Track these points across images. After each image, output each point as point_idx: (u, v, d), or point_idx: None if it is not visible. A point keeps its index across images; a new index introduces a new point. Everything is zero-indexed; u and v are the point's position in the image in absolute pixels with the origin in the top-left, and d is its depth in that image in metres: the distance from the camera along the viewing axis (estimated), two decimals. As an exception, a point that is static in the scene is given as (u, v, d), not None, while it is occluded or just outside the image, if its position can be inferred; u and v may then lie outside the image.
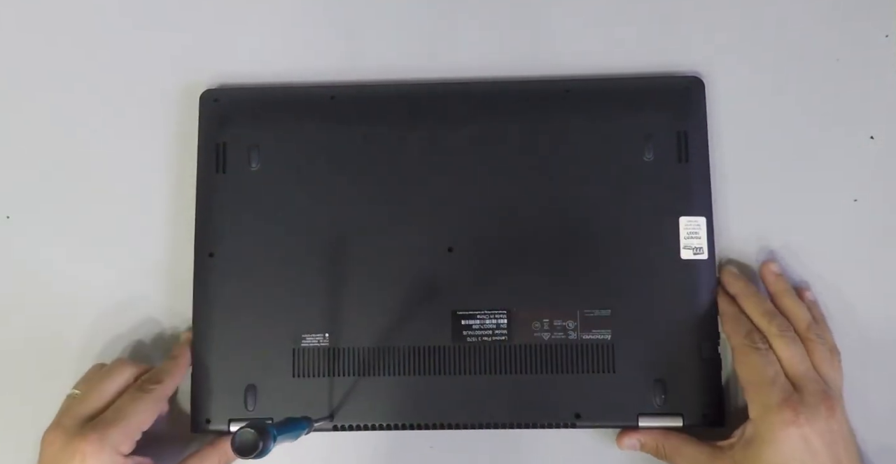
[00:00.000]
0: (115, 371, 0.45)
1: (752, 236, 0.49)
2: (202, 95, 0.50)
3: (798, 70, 0.51)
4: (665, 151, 0.48)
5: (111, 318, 0.50)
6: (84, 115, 0.52)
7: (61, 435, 0.42)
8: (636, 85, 0.50)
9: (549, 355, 0.47)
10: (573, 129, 0.49)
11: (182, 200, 0.50)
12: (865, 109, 0.50)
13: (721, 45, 0.51)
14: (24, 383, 0.49)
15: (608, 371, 0.46)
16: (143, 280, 0.50)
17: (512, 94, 0.50)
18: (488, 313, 0.47)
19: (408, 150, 0.49)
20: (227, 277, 0.48)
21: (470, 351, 0.47)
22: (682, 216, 0.48)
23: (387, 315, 0.47)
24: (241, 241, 0.48)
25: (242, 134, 0.49)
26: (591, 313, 0.47)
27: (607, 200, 0.48)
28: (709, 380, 0.46)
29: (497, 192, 0.48)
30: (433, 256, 0.47)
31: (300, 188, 0.48)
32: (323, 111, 0.49)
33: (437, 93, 0.50)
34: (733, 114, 0.50)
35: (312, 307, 0.47)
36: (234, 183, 0.49)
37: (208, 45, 0.53)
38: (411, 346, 0.47)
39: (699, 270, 0.47)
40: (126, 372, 0.46)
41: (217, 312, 0.47)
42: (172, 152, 0.51)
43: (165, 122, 0.52)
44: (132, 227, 0.51)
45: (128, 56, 0.53)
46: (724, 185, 0.50)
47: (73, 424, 0.42)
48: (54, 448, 0.41)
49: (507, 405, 0.46)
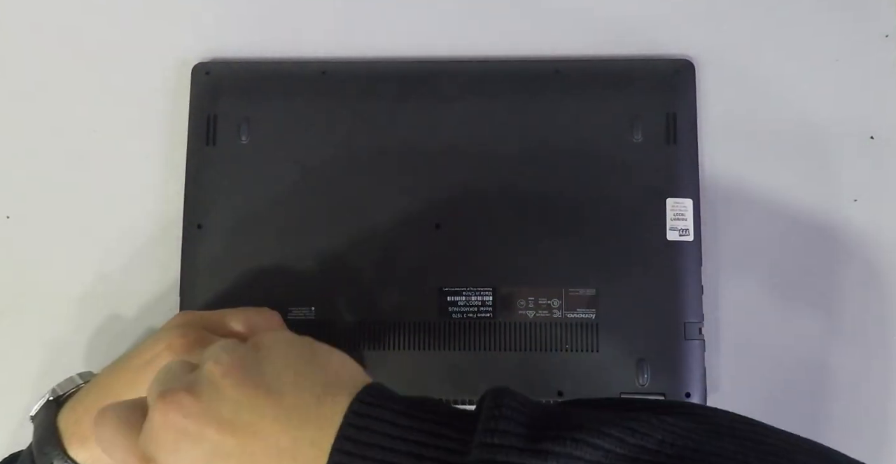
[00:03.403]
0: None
1: (739, 220, 0.50)
2: (194, 68, 0.50)
3: (797, 70, 0.51)
4: (653, 133, 0.48)
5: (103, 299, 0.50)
6: (75, 86, 0.52)
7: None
8: (626, 66, 0.50)
9: (533, 333, 0.47)
10: (562, 109, 0.49)
11: (172, 172, 0.50)
12: (865, 109, 0.51)
13: (714, 31, 0.52)
14: (25, 383, 0.49)
15: (592, 350, 0.47)
16: (131, 252, 0.50)
17: (502, 73, 0.50)
18: (474, 290, 0.47)
19: (397, 126, 0.49)
20: (215, 248, 0.48)
21: (455, 327, 0.47)
22: (668, 198, 0.48)
23: (374, 290, 0.47)
24: (229, 213, 0.48)
25: (233, 107, 0.49)
26: (576, 293, 0.47)
27: (595, 180, 0.48)
28: (692, 360, 0.47)
29: (485, 170, 0.48)
30: (421, 232, 0.48)
31: (289, 162, 0.49)
32: (314, 86, 0.50)
33: (428, 71, 0.50)
34: (724, 99, 0.51)
35: (299, 281, 0.47)
36: (224, 156, 0.49)
37: (201, 19, 0.53)
38: (397, 321, 0.47)
39: (685, 251, 0.47)
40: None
41: (204, 284, 0.48)
42: (163, 125, 0.51)
43: (157, 94, 0.52)
44: (120, 197, 0.51)
45: (120, 29, 0.53)
46: (713, 168, 0.50)
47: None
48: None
49: (491, 382, 0.46)
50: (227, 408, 0.30)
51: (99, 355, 0.49)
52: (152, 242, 0.50)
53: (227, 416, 0.30)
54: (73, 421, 0.41)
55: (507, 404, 0.29)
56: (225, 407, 0.30)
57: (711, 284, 0.48)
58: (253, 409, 0.30)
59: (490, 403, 0.29)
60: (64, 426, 0.41)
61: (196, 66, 0.51)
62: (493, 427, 0.28)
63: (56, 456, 0.39)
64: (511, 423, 0.28)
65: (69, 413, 0.41)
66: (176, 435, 0.30)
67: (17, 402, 0.48)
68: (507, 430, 0.27)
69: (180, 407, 0.30)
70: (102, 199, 0.51)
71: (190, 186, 0.49)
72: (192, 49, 0.52)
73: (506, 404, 0.29)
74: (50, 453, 0.39)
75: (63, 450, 0.40)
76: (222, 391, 0.31)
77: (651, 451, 0.28)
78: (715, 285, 0.49)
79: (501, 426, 0.28)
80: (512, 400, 0.29)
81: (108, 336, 0.50)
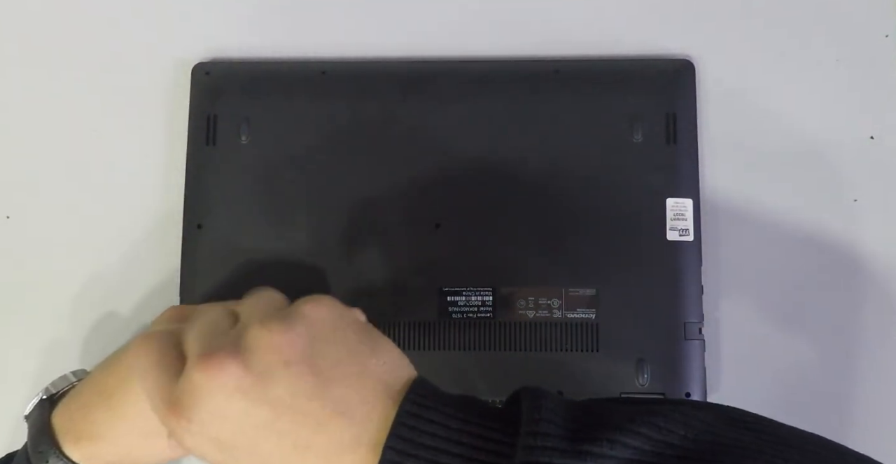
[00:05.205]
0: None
1: (739, 220, 0.50)
2: (194, 68, 0.50)
3: (797, 70, 0.51)
4: (653, 133, 0.48)
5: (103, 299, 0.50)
6: (75, 86, 0.52)
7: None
8: (626, 66, 0.50)
9: (533, 333, 0.47)
10: (562, 109, 0.49)
11: (172, 172, 0.50)
12: (865, 109, 0.51)
13: (714, 31, 0.52)
14: (23, 383, 0.49)
15: (592, 350, 0.47)
16: (131, 252, 0.50)
17: (502, 73, 0.50)
18: (474, 290, 0.47)
19: (397, 126, 0.49)
20: (215, 248, 0.48)
21: (455, 327, 0.47)
22: (668, 198, 0.48)
23: (373, 290, 0.47)
24: (229, 213, 0.48)
25: (233, 107, 0.49)
26: (576, 292, 0.47)
27: (595, 180, 0.48)
28: (692, 360, 0.46)
29: (485, 170, 0.48)
30: (421, 232, 0.48)
31: (289, 162, 0.49)
32: (314, 86, 0.50)
33: (428, 71, 0.50)
34: (724, 99, 0.51)
35: (299, 280, 0.47)
36: (224, 155, 0.49)
37: (201, 19, 0.53)
38: (397, 321, 0.47)
39: (685, 251, 0.47)
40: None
41: (204, 284, 0.48)
42: (163, 125, 0.51)
43: (157, 94, 0.52)
44: (121, 197, 0.51)
45: (120, 29, 0.53)
46: (713, 168, 0.50)
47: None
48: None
49: (491, 382, 0.47)
50: (283, 390, 0.30)
51: (99, 355, 0.49)
52: (152, 242, 0.50)
53: (284, 398, 0.30)
54: (68, 419, 0.41)
55: (545, 406, 0.30)
56: (280, 388, 0.30)
57: (711, 284, 0.48)
58: (311, 397, 0.30)
59: (529, 404, 0.30)
60: (58, 425, 0.40)
61: (196, 66, 0.51)
62: (534, 430, 0.29)
63: (51, 454, 0.39)
64: (551, 425, 0.29)
65: (63, 412, 0.41)
66: (222, 402, 0.30)
67: (16, 401, 0.48)
68: (548, 432, 0.29)
69: (228, 376, 0.30)
70: (102, 199, 0.51)
71: (190, 186, 0.49)
72: (192, 49, 0.52)
73: (544, 406, 0.30)
74: (45, 452, 0.39)
75: (58, 448, 0.39)
76: (277, 370, 0.30)
77: (675, 446, 0.29)
78: (715, 285, 0.49)
79: (542, 429, 0.29)
80: (549, 401, 0.30)
81: (108, 336, 0.50)
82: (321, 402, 0.30)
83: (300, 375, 0.30)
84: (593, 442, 0.29)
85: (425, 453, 0.29)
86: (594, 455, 0.28)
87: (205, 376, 0.30)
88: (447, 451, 0.29)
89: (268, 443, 0.30)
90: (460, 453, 0.29)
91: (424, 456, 0.29)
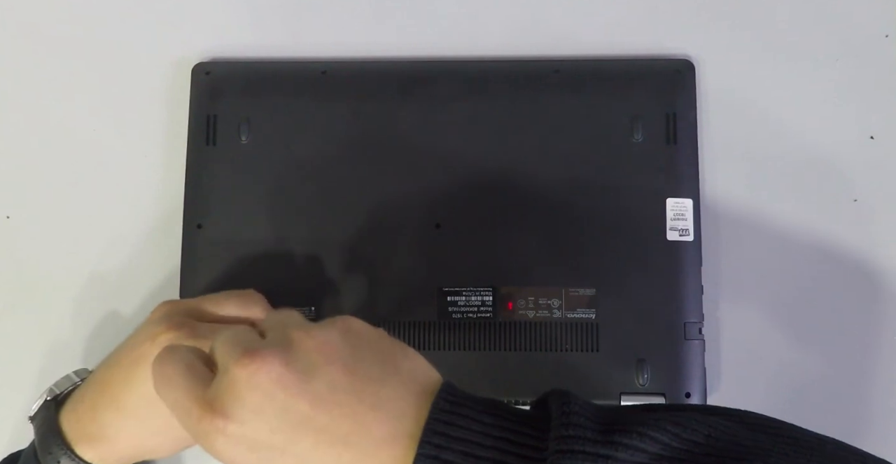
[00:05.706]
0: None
1: (739, 220, 0.50)
2: (194, 68, 0.50)
3: (797, 70, 0.51)
4: (653, 133, 0.48)
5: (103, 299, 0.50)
6: (75, 86, 0.52)
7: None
8: (626, 66, 0.50)
9: (533, 333, 0.47)
10: (562, 109, 0.49)
11: (172, 172, 0.50)
12: (865, 109, 0.51)
13: (714, 31, 0.52)
14: (25, 383, 0.49)
15: (592, 350, 0.47)
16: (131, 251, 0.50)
17: (502, 73, 0.50)
18: (474, 290, 0.47)
19: (397, 126, 0.49)
20: (215, 248, 0.48)
21: (455, 327, 0.47)
22: (669, 198, 0.48)
23: (373, 290, 0.47)
24: (229, 213, 0.48)
25: (233, 107, 0.49)
26: (576, 292, 0.47)
27: (595, 180, 0.48)
28: (692, 360, 0.46)
29: (486, 170, 0.48)
30: (421, 231, 0.48)
31: (289, 162, 0.49)
32: (314, 86, 0.50)
33: (428, 70, 0.50)
34: (724, 99, 0.51)
35: (299, 280, 0.47)
36: (224, 156, 0.49)
37: (201, 19, 0.53)
38: (397, 321, 0.47)
39: (685, 251, 0.47)
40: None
41: (204, 284, 0.48)
42: (163, 125, 0.51)
43: (157, 94, 0.52)
44: (121, 197, 0.51)
45: (120, 29, 0.53)
46: (713, 168, 0.50)
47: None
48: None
49: (491, 382, 0.47)
50: (322, 385, 0.31)
51: (100, 355, 0.49)
52: (152, 241, 0.50)
53: (322, 392, 0.31)
54: (76, 420, 0.41)
55: (574, 402, 0.31)
56: (319, 383, 0.31)
57: (711, 284, 0.48)
58: (350, 392, 0.31)
59: (558, 403, 0.31)
60: (67, 426, 0.41)
61: (196, 66, 0.51)
62: (567, 421, 0.30)
63: (63, 456, 0.40)
64: (582, 418, 0.30)
65: (70, 413, 0.41)
66: (263, 397, 0.30)
67: (18, 401, 0.48)
68: (580, 424, 0.30)
69: (270, 370, 0.30)
70: (102, 199, 0.51)
71: (190, 186, 0.49)
72: (192, 49, 0.52)
73: (573, 402, 0.31)
74: (56, 453, 0.40)
75: (71, 450, 0.40)
76: (317, 367, 0.31)
77: (701, 444, 0.30)
78: (715, 285, 0.49)
79: (574, 421, 0.30)
80: (578, 400, 0.32)
81: (108, 336, 0.50)
82: (358, 396, 0.31)
83: (338, 372, 0.32)
84: (624, 434, 0.30)
85: (460, 446, 0.30)
86: (625, 446, 0.29)
87: (247, 372, 0.31)
88: (481, 444, 0.30)
89: (305, 440, 0.30)
90: (494, 445, 0.30)
91: (460, 449, 0.30)
